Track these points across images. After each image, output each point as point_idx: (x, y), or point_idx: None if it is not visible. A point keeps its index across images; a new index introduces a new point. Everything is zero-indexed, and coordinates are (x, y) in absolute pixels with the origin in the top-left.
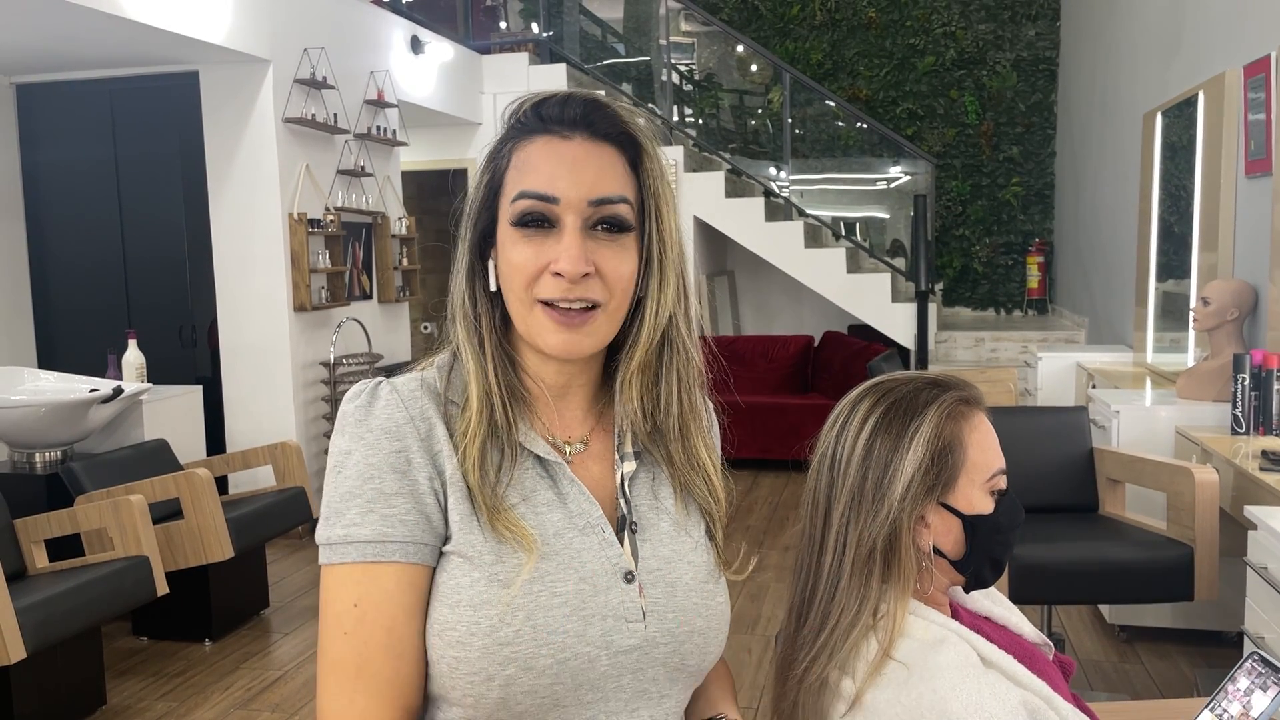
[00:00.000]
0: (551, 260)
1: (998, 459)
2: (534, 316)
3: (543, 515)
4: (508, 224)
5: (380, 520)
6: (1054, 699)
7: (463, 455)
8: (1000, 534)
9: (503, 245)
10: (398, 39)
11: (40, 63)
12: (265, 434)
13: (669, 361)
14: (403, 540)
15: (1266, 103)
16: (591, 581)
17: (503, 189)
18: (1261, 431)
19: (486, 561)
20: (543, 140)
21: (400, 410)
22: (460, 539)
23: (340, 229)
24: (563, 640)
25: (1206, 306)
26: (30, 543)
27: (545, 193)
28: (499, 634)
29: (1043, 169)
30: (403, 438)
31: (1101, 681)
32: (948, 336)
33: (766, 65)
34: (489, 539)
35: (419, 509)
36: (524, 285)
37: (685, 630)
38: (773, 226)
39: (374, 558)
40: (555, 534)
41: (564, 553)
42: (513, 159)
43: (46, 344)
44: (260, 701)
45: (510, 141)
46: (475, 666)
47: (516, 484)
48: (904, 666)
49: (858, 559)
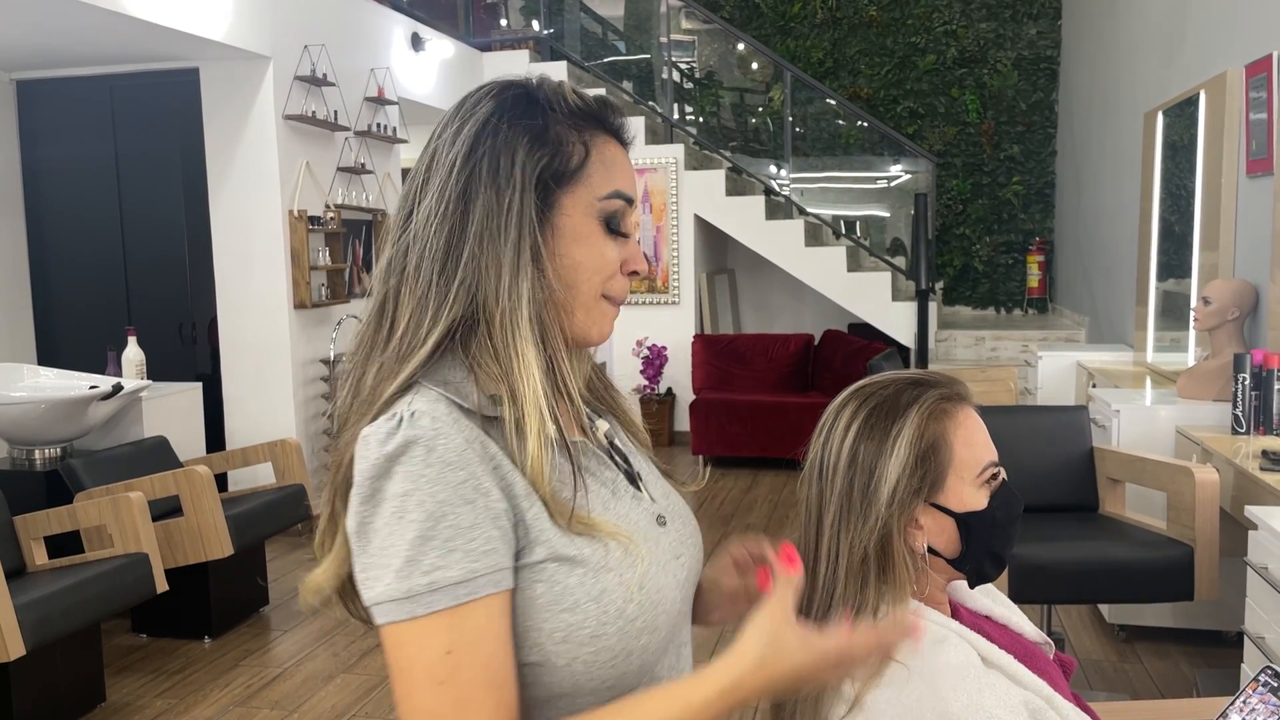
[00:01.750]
0: (628, 259)
1: (987, 453)
2: (599, 309)
3: (597, 495)
4: (592, 218)
5: (465, 557)
6: (1055, 699)
7: (523, 465)
8: (998, 528)
9: (578, 239)
10: (398, 36)
11: (40, 59)
12: (265, 431)
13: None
14: (490, 571)
15: (1268, 102)
16: (649, 536)
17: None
18: (1262, 431)
19: (586, 555)
20: (616, 146)
21: (456, 436)
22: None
23: (340, 226)
24: (662, 594)
25: (1207, 306)
26: (30, 540)
27: (631, 195)
28: (626, 612)
29: (1043, 168)
30: (467, 465)
31: (1101, 681)
32: (948, 335)
33: (767, 63)
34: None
35: (498, 532)
36: (605, 279)
37: (698, 546)
38: (773, 225)
39: (466, 598)
40: (604, 508)
41: (623, 521)
42: (593, 153)
43: (46, 341)
44: (259, 699)
45: (584, 132)
46: (615, 651)
47: (557, 480)
48: (904, 667)
49: (851, 566)
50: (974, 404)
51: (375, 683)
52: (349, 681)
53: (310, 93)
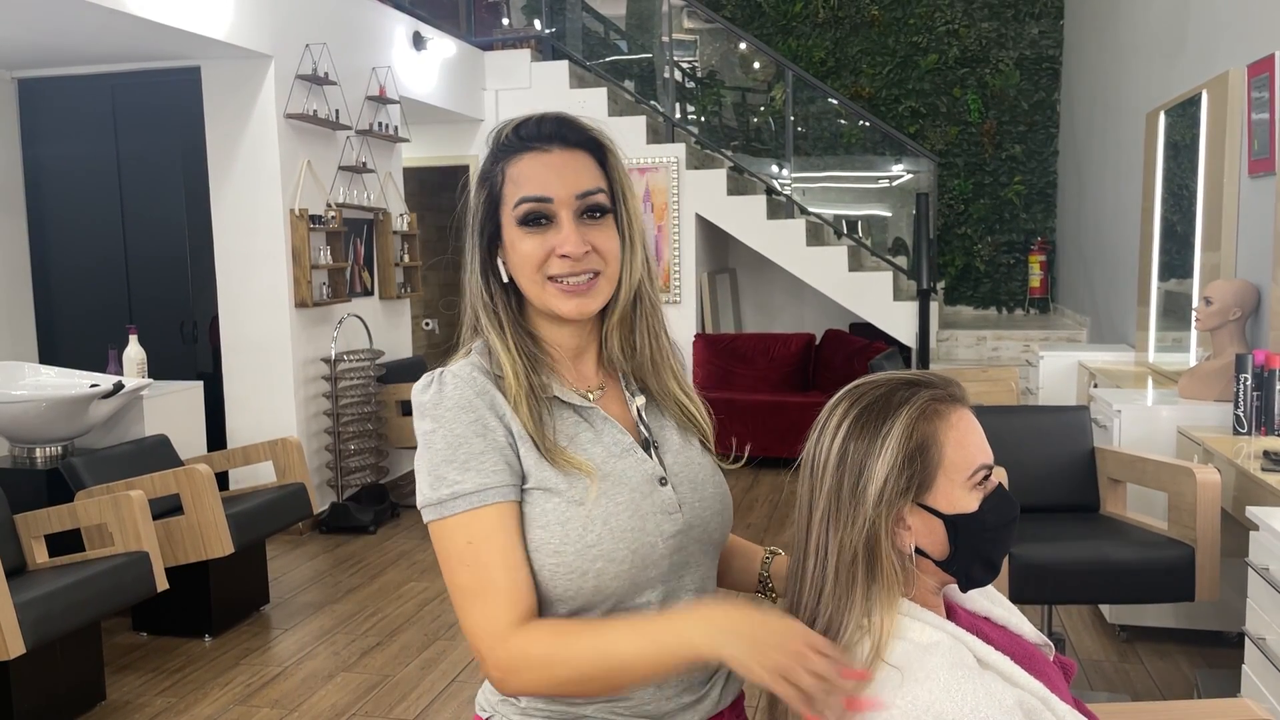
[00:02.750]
0: (555, 246)
1: (981, 455)
2: (547, 292)
3: (588, 450)
4: (514, 225)
5: (477, 474)
6: (1050, 700)
7: (516, 412)
8: (988, 532)
9: (511, 244)
10: (400, 35)
11: (42, 58)
12: (266, 430)
13: (640, 313)
14: (498, 485)
15: (1270, 102)
16: (639, 489)
17: (502, 201)
18: (1263, 432)
19: (562, 489)
20: (529, 155)
21: (468, 389)
22: (537, 477)
23: (342, 225)
24: (631, 535)
25: (1209, 306)
26: (30, 538)
27: (541, 195)
28: (585, 538)
29: (1045, 168)
30: (475, 409)
31: (1102, 682)
32: (949, 335)
33: (769, 63)
34: (558, 473)
35: (503, 459)
36: (534, 268)
37: (709, 513)
38: (774, 224)
39: (479, 504)
40: (602, 460)
41: (614, 473)
42: (506, 175)
43: (47, 339)
44: (260, 697)
45: (500, 162)
46: (571, 567)
47: (562, 429)
48: (897, 669)
49: (840, 564)
50: (969, 405)
51: (376, 681)
52: (349, 680)
53: (311, 91)
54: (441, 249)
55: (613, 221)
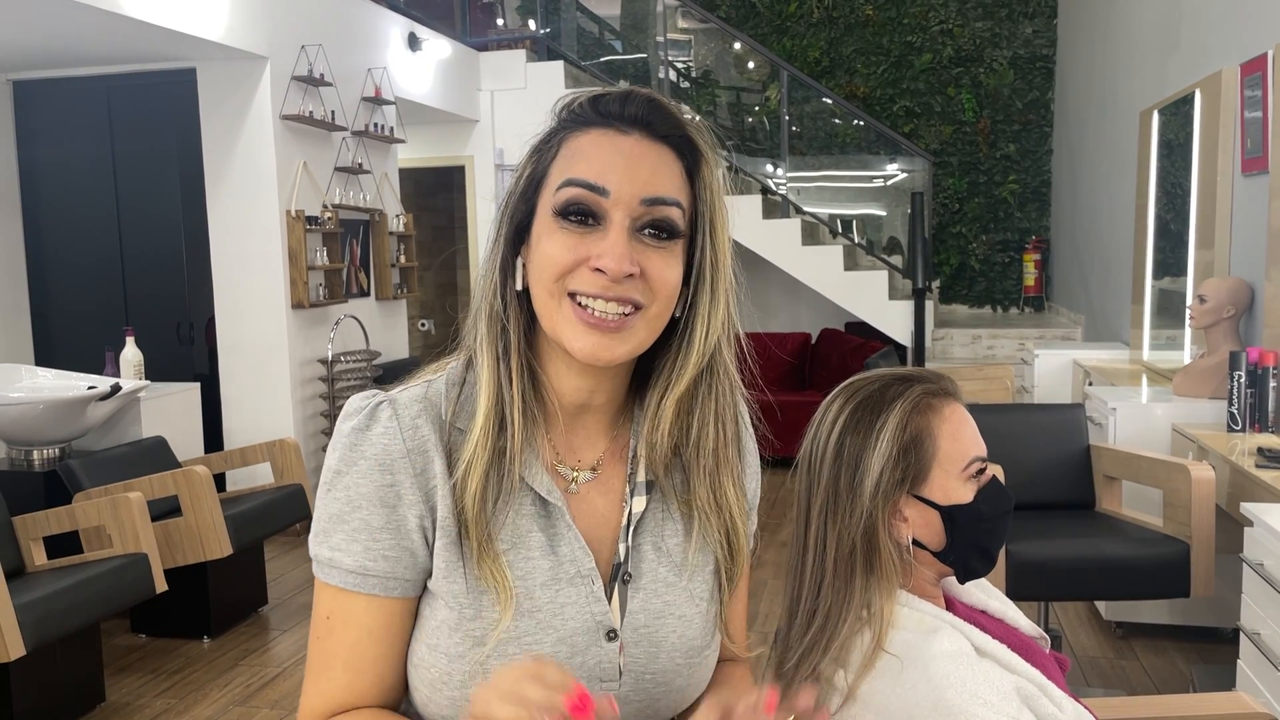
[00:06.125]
0: (592, 255)
1: (974, 448)
2: (562, 311)
3: (533, 562)
4: (549, 213)
5: (363, 552)
6: (1048, 686)
7: (462, 483)
8: (984, 522)
9: (539, 237)
10: (395, 36)
11: (37, 59)
12: (263, 431)
13: (708, 390)
14: (381, 575)
15: (1263, 100)
16: (570, 642)
17: (546, 179)
18: (1257, 428)
19: (467, 616)
20: (598, 132)
21: (397, 441)
22: (442, 585)
23: (338, 226)
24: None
25: (1203, 304)
26: (29, 540)
27: (595, 183)
28: (468, 689)
29: (1040, 166)
30: (395, 471)
31: (1098, 678)
32: (944, 334)
33: (764, 62)
34: (471, 588)
35: (403, 545)
36: (555, 277)
37: (661, 689)
38: (770, 224)
39: (352, 587)
40: (541, 585)
41: (546, 609)
42: (561, 149)
43: (44, 341)
44: (259, 698)
45: (561, 133)
46: (444, 707)
47: (510, 526)
48: (897, 658)
49: (839, 557)
50: (962, 400)
51: None
52: None
53: (307, 93)
54: (438, 250)
55: (680, 251)
